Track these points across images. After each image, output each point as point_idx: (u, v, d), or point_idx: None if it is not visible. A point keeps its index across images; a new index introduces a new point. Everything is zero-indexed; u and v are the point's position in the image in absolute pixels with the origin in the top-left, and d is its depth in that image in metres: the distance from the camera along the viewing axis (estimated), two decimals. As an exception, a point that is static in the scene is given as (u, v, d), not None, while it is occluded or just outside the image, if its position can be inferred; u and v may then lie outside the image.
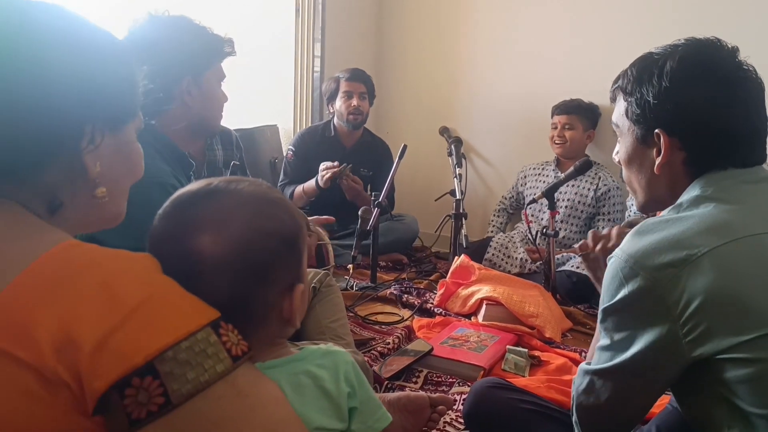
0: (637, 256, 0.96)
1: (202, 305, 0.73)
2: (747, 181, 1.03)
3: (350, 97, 3.43)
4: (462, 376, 1.98)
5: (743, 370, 0.89)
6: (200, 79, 1.65)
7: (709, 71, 1.04)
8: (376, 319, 2.53)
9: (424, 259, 3.55)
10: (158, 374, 0.65)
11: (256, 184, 0.88)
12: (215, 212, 0.81)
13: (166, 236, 0.80)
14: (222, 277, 0.78)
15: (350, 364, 0.93)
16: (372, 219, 2.88)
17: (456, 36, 3.96)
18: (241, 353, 0.72)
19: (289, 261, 0.86)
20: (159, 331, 0.67)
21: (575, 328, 2.54)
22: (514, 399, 1.35)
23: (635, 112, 1.10)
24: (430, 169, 4.06)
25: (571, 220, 3.30)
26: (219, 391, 0.69)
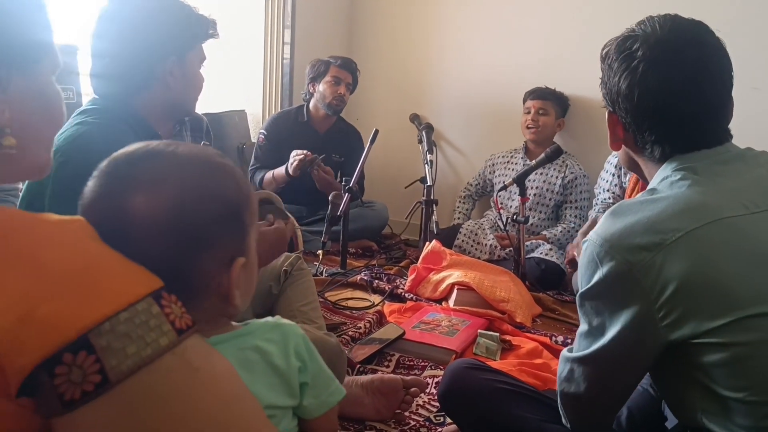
0: (612, 239, 0.96)
1: (142, 273, 0.67)
2: (718, 162, 1.03)
3: (338, 83, 3.40)
4: (434, 359, 1.98)
5: (718, 354, 0.90)
6: (184, 60, 1.59)
7: (636, 56, 1.04)
8: (346, 305, 2.51)
9: (394, 246, 3.54)
10: (93, 349, 0.58)
11: (200, 148, 0.84)
12: (151, 171, 0.75)
13: (98, 196, 0.74)
14: (155, 241, 0.72)
15: (300, 337, 0.90)
16: (342, 204, 2.86)
17: (427, 24, 3.95)
18: (185, 326, 0.66)
19: (230, 230, 0.80)
20: (94, 301, 0.60)
21: (545, 314, 2.56)
22: (489, 379, 1.34)
23: (602, 90, 1.15)
24: (401, 157, 4.05)
25: (539, 208, 3.32)
26: (167, 365, 0.63)
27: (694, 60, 1.03)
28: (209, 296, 0.79)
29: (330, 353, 1.48)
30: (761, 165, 1.03)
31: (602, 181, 3.02)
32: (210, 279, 0.78)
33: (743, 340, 0.88)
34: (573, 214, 3.29)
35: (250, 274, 0.84)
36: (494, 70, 3.71)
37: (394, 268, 3.05)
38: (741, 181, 1.00)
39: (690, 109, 1.03)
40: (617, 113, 1.10)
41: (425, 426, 1.62)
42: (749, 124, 1.91)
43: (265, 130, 3.47)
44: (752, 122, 1.06)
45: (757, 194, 0.97)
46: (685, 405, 0.99)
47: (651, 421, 1.37)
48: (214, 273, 0.78)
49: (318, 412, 0.92)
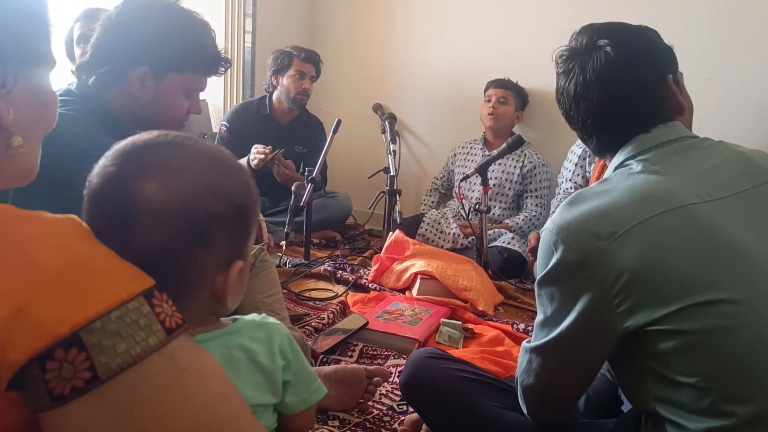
0: (568, 228, 0.98)
1: (135, 272, 0.66)
2: (673, 151, 1.05)
3: (302, 77, 3.37)
4: (397, 349, 1.99)
5: (671, 341, 0.91)
6: (161, 77, 1.52)
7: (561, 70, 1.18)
8: (310, 296, 2.51)
9: (358, 237, 3.54)
10: (84, 346, 0.59)
11: (217, 147, 0.83)
12: (169, 159, 0.75)
13: (110, 177, 0.73)
14: (157, 230, 0.72)
15: (285, 336, 0.90)
16: (305, 195, 2.85)
17: (389, 13, 3.94)
18: (175, 326, 0.67)
19: (234, 231, 0.79)
20: (86, 299, 0.61)
21: (507, 302, 2.59)
22: (450, 368, 1.36)
23: None
24: (364, 147, 4.05)
25: (499, 198, 3.36)
26: (155, 365, 0.63)
27: (613, 43, 1.11)
28: (203, 293, 0.79)
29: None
30: (716, 155, 1.06)
31: (565, 170, 3.06)
32: (206, 276, 0.78)
33: (695, 326, 0.90)
34: (534, 203, 3.33)
35: (244, 278, 0.84)
36: (457, 60, 3.73)
37: (357, 258, 3.06)
38: (695, 171, 1.02)
39: (615, 92, 1.11)
40: (565, 117, 1.18)
41: (388, 415, 1.64)
42: (704, 113, 1.95)
43: (227, 122, 3.43)
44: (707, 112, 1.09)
45: (710, 184, 0.99)
46: (640, 392, 1.01)
47: (608, 405, 1.40)
48: (211, 271, 0.78)
49: (298, 409, 0.93)
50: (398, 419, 1.62)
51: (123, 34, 1.49)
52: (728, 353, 0.89)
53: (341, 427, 1.57)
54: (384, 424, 1.60)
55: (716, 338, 0.90)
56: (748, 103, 2.92)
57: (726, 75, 2.92)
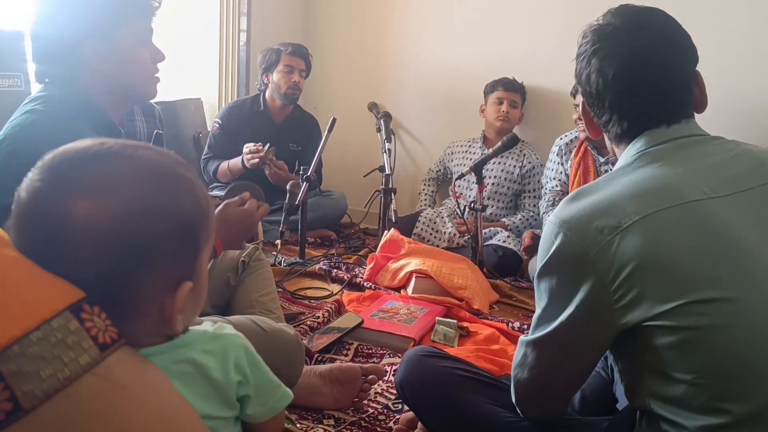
0: (570, 221, 0.97)
1: (59, 285, 0.61)
2: (682, 146, 1.04)
3: (291, 72, 3.35)
4: (392, 347, 1.99)
5: (669, 337, 0.91)
6: (110, 41, 1.46)
7: (616, 41, 1.08)
8: (305, 294, 2.51)
9: (353, 236, 3.54)
10: (1, 375, 0.54)
11: (162, 153, 0.75)
12: (102, 175, 0.68)
13: (36, 194, 0.67)
14: (93, 254, 0.65)
15: (242, 348, 0.84)
16: (300, 194, 2.85)
17: (384, 11, 3.94)
18: (110, 341, 0.61)
19: (181, 251, 0.72)
20: (1, 322, 0.55)
21: (502, 300, 2.59)
22: (445, 366, 1.36)
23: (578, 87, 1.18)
24: (359, 145, 4.04)
25: (497, 197, 3.36)
26: (88, 386, 0.58)
27: (657, 29, 1.08)
28: (149, 318, 0.72)
29: (288, 346, 1.48)
30: (726, 151, 1.04)
31: (548, 170, 3.07)
32: (151, 301, 0.71)
33: (693, 323, 0.89)
34: (532, 203, 3.33)
35: (198, 297, 0.78)
36: (452, 59, 3.72)
37: (353, 257, 3.05)
38: (702, 165, 1.01)
39: (652, 79, 1.07)
40: (585, 98, 1.14)
41: (383, 413, 1.63)
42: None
43: (220, 119, 3.43)
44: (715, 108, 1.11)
45: (716, 180, 0.98)
46: (636, 388, 1.01)
47: (603, 403, 1.40)
48: (156, 294, 0.71)
49: (265, 418, 0.90)
50: (393, 418, 1.61)
51: (56, 20, 1.45)
52: (725, 351, 0.89)
53: (336, 426, 1.57)
54: (379, 423, 1.60)
55: (714, 336, 0.89)
56: (744, 101, 2.93)
57: (723, 73, 2.92)
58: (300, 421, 1.56)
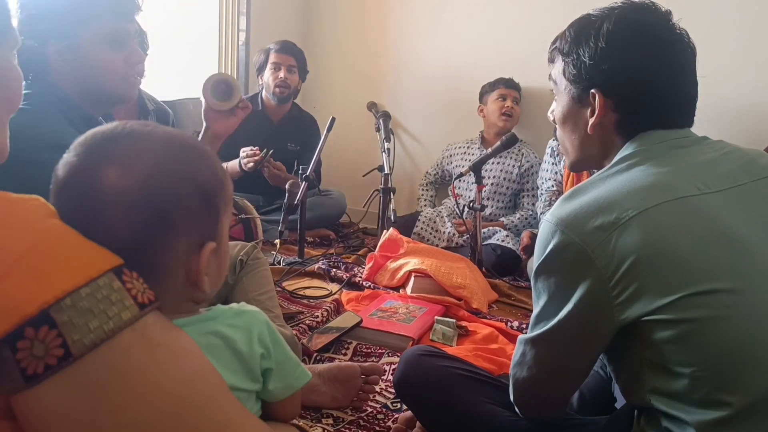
0: (568, 219, 0.97)
1: (102, 251, 0.67)
2: (678, 146, 1.05)
3: (278, 69, 3.36)
4: (391, 346, 1.99)
5: (668, 331, 0.91)
6: (74, 43, 1.46)
7: (642, 33, 1.07)
8: (304, 294, 2.51)
9: (352, 235, 3.54)
10: (55, 324, 0.59)
11: (178, 131, 0.84)
12: (128, 147, 0.76)
13: (73, 169, 0.74)
14: (123, 218, 0.72)
15: (264, 324, 0.90)
16: (299, 193, 2.85)
17: (383, 11, 3.94)
18: (147, 301, 0.67)
19: (202, 214, 0.79)
20: (54, 277, 0.61)
21: (501, 300, 2.59)
22: (443, 365, 1.36)
23: (572, 72, 1.12)
24: (358, 145, 4.05)
25: (497, 197, 3.36)
26: (127, 340, 0.63)
27: (674, 42, 1.08)
28: (177, 280, 0.79)
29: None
30: (716, 150, 1.06)
31: (543, 171, 3.08)
32: (178, 262, 0.78)
33: (693, 315, 0.90)
34: (531, 202, 3.34)
35: (221, 260, 0.84)
36: (451, 58, 3.73)
37: (351, 256, 3.05)
38: (694, 162, 1.02)
39: (672, 87, 1.08)
40: (606, 92, 1.09)
41: (382, 413, 1.63)
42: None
43: None
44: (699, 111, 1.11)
45: (709, 176, 0.99)
46: (635, 385, 1.01)
47: (601, 403, 1.40)
48: (182, 256, 0.78)
49: (283, 395, 0.93)
50: (392, 417, 1.61)
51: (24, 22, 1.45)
52: (725, 342, 0.89)
53: (335, 425, 1.57)
54: (378, 422, 1.59)
55: (713, 327, 0.90)
56: (738, 102, 2.93)
57: (717, 74, 2.92)
58: (299, 419, 1.56)
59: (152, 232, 0.74)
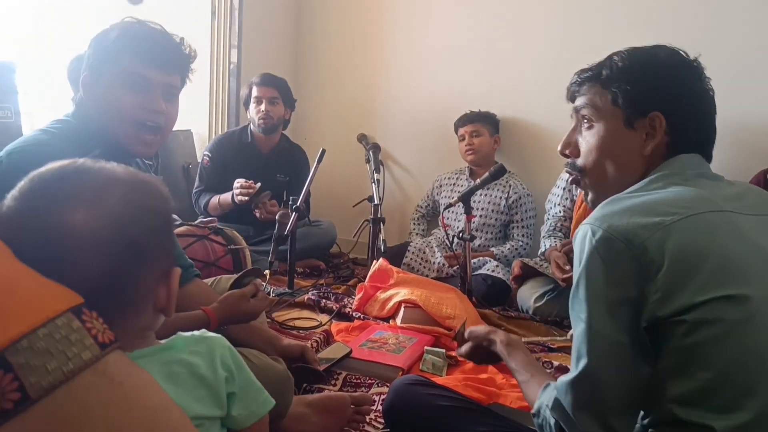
0: (611, 220, 0.98)
1: (61, 290, 0.66)
2: (705, 176, 1.10)
3: (259, 102, 3.39)
4: (381, 377, 1.99)
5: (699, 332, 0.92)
6: (100, 77, 1.48)
7: (691, 65, 1.15)
8: (293, 324, 2.50)
9: (342, 265, 3.54)
10: (11, 367, 0.58)
11: (121, 165, 0.82)
12: (89, 186, 0.75)
13: (26, 213, 0.72)
14: (94, 257, 0.71)
15: (227, 348, 0.90)
16: (289, 224, 2.86)
17: (373, 45, 4.00)
18: (108, 341, 0.66)
19: (164, 241, 0.81)
20: (9, 319, 0.59)
21: (490, 330, 2.59)
22: (432, 395, 1.36)
23: (625, 97, 1.15)
24: (348, 176, 4.07)
25: (485, 229, 3.37)
26: (88, 381, 0.62)
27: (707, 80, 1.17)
28: (146, 312, 0.80)
29: (278, 379, 1.48)
30: (737, 185, 1.11)
31: (553, 196, 3.08)
32: (149, 293, 0.79)
33: (725, 317, 0.91)
34: (520, 233, 3.35)
35: (177, 283, 0.85)
36: (439, 91, 3.78)
37: (342, 287, 3.05)
38: (725, 193, 1.07)
39: (713, 116, 1.17)
40: (667, 114, 1.13)
41: (372, 443, 1.63)
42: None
43: (209, 152, 3.45)
44: None
45: (741, 203, 1.04)
46: (657, 394, 1.00)
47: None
48: (152, 286, 0.79)
49: (248, 422, 0.92)
50: (381, 447, 1.61)
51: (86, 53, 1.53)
52: (751, 346, 0.91)
53: (324, 455, 1.56)
54: (367, 453, 1.59)
55: (743, 330, 0.92)
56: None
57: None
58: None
59: (126, 268, 0.75)
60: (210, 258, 2.48)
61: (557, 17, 3.31)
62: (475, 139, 3.38)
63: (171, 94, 1.59)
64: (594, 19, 3.19)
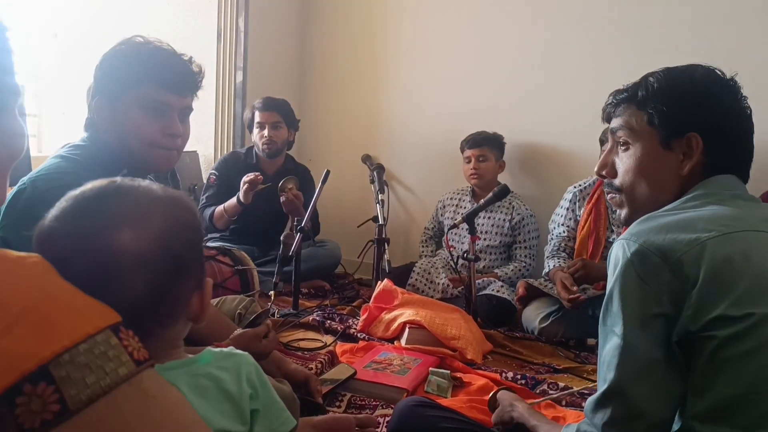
0: (647, 235, 0.99)
1: (101, 307, 0.69)
2: (741, 197, 1.11)
3: (262, 128, 3.41)
4: (385, 398, 1.98)
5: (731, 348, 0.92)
6: (115, 101, 1.51)
7: (727, 84, 1.15)
8: (298, 345, 2.50)
9: (347, 286, 3.54)
10: (53, 379, 0.60)
11: (154, 183, 0.86)
12: (132, 205, 0.78)
13: (72, 233, 0.74)
14: (141, 274, 0.75)
15: (252, 366, 0.93)
16: (294, 244, 2.87)
17: (378, 66, 4.04)
18: (143, 358, 0.69)
19: (200, 254, 0.86)
20: (53, 333, 0.62)
21: (496, 350, 2.58)
22: (437, 416, 1.36)
23: (662, 118, 1.15)
24: (353, 196, 4.09)
25: (489, 250, 3.38)
26: (124, 394, 0.65)
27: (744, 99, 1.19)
28: (180, 322, 0.84)
29: (284, 401, 1.48)
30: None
31: (557, 216, 3.08)
32: (185, 303, 0.83)
33: (758, 334, 0.92)
34: (524, 254, 3.35)
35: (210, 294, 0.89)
36: (444, 111, 3.81)
37: (346, 307, 3.05)
38: (761, 214, 1.07)
39: (751, 136, 1.17)
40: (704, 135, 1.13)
41: (376, 465, 1.62)
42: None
43: (216, 170, 3.48)
44: None
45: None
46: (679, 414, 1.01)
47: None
48: (189, 297, 0.83)
49: None
50: (386, 470, 1.60)
51: (93, 74, 1.54)
52: None
53: (329, 478, 1.55)
54: (372, 475, 1.58)
55: None
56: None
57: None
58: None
59: (169, 282, 0.79)
60: (217, 279, 2.49)
61: (562, 40, 3.34)
62: (481, 164, 3.38)
63: (185, 115, 1.65)
64: (600, 42, 3.22)
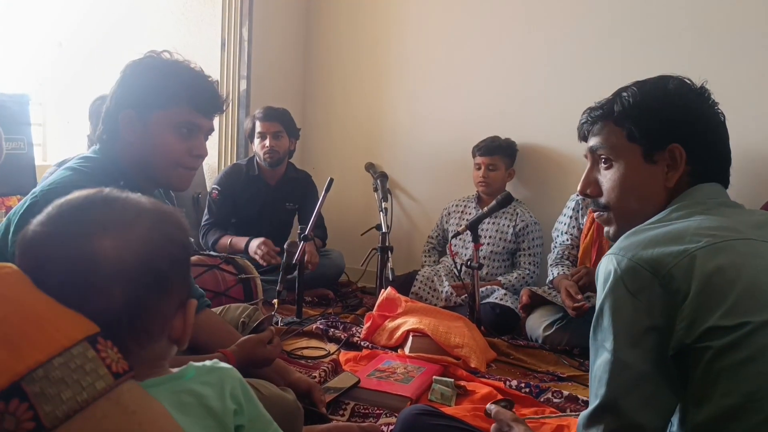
0: (636, 249, 0.98)
1: (77, 318, 0.67)
2: (726, 204, 1.11)
3: (264, 138, 3.42)
4: (389, 407, 1.98)
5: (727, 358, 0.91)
6: (147, 117, 1.52)
7: (701, 93, 1.16)
8: (302, 354, 2.50)
9: (350, 294, 3.54)
10: (26, 396, 0.59)
11: (144, 196, 0.84)
12: (117, 215, 0.76)
13: (53, 239, 0.72)
14: (119, 285, 0.72)
15: (237, 380, 0.90)
16: (297, 253, 2.87)
17: (381, 74, 4.05)
18: (122, 371, 0.67)
19: (184, 272, 0.82)
20: (26, 347, 0.61)
21: (499, 359, 2.58)
22: (441, 425, 1.36)
23: (642, 131, 1.15)
24: (356, 205, 4.10)
25: (493, 257, 3.37)
26: (102, 410, 0.63)
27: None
28: (161, 341, 0.81)
29: (287, 410, 1.48)
30: (757, 214, 1.11)
31: (560, 224, 3.08)
32: (166, 323, 0.80)
33: (753, 343, 0.91)
34: (528, 261, 3.35)
35: (194, 312, 0.87)
36: (446, 121, 3.81)
37: (350, 316, 3.05)
38: (747, 220, 1.06)
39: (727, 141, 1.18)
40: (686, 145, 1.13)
41: (380, 474, 1.62)
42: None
43: (218, 185, 3.48)
44: None
45: (763, 232, 1.04)
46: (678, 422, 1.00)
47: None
48: (170, 316, 0.80)
49: None
50: (390, 479, 1.60)
51: (117, 84, 1.55)
52: None
53: (333, 487, 1.55)
54: (376, 484, 1.58)
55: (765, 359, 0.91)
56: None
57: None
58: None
59: (148, 297, 0.76)
60: (220, 288, 2.49)
61: (567, 45, 3.34)
62: (490, 173, 3.38)
63: (207, 135, 1.66)
64: (605, 47, 3.21)
